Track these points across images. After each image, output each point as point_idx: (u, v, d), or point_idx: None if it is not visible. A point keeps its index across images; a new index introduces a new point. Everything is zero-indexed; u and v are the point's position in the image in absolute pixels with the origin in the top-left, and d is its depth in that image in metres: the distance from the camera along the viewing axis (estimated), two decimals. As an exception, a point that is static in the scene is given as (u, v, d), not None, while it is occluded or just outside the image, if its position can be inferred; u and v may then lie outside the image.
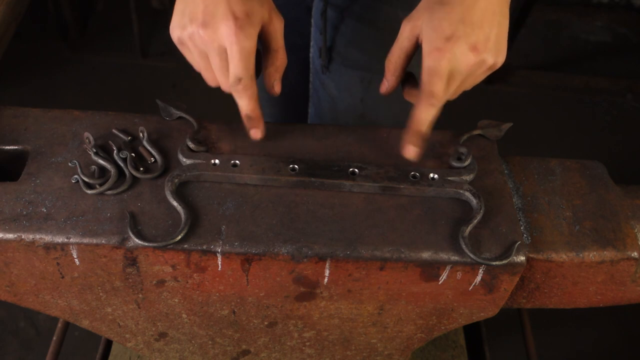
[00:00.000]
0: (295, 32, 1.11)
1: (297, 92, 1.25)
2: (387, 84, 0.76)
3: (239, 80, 0.69)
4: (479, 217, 0.69)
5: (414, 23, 0.71)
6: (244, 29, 0.67)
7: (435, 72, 0.67)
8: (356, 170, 0.73)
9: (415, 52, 0.73)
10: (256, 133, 0.75)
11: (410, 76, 0.77)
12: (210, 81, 0.74)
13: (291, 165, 0.72)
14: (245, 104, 0.72)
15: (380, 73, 1.08)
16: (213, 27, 0.67)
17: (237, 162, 0.72)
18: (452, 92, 0.71)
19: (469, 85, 0.73)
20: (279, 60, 0.76)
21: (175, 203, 0.69)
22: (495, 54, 0.69)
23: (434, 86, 0.67)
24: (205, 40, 0.68)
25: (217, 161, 0.73)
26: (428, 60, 0.67)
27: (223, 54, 0.69)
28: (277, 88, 0.77)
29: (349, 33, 1.02)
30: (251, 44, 0.68)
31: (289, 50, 1.17)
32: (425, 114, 0.69)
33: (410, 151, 0.72)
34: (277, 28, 0.74)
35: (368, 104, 1.12)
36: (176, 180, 0.71)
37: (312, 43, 1.09)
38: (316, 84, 1.15)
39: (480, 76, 0.72)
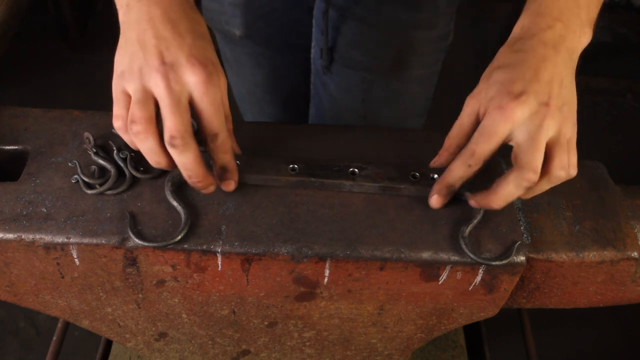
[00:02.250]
0: (295, 32, 1.11)
1: (298, 93, 1.25)
2: (440, 160, 0.71)
3: (215, 136, 0.62)
4: (479, 217, 0.69)
5: (476, 98, 0.64)
6: (212, 78, 0.59)
7: (486, 131, 0.61)
8: (356, 170, 0.72)
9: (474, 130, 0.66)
10: (229, 185, 0.69)
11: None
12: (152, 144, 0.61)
13: (291, 165, 0.73)
14: (222, 159, 0.65)
15: (381, 74, 1.09)
16: (178, 73, 0.58)
17: (237, 162, 0.72)
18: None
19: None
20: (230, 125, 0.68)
21: (175, 203, 0.69)
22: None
23: (478, 145, 0.62)
24: (167, 90, 0.58)
25: None
26: (485, 120, 0.61)
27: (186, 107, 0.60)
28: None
29: (350, 34, 1.02)
30: (221, 95, 0.61)
31: (289, 50, 1.17)
32: (459, 172, 0.65)
33: (436, 202, 0.68)
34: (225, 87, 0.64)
35: (369, 105, 1.12)
36: (176, 180, 0.71)
37: (313, 44, 1.09)
38: (317, 84, 1.15)
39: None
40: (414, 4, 0.98)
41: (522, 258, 0.68)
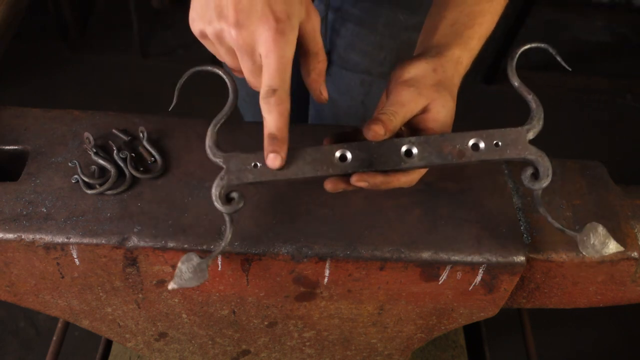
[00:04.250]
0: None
1: (297, 95, 1.25)
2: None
3: (273, 91, 0.59)
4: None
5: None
6: (284, 34, 0.57)
7: None
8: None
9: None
10: (275, 159, 0.60)
11: None
12: (238, 74, 0.65)
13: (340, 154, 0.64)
14: (274, 120, 0.60)
15: (380, 76, 1.09)
16: (248, 29, 0.57)
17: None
18: None
19: None
20: (321, 63, 0.64)
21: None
22: None
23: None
24: (238, 42, 0.58)
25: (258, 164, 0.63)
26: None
27: (257, 58, 0.60)
28: (324, 94, 0.66)
29: (349, 36, 1.02)
30: (291, 51, 0.58)
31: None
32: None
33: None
34: (316, 26, 0.61)
35: (369, 107, 1.12)
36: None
37: None
38: None
39: None
40: (412, 6, 0.98)
41: (522, 258, 0.68)
